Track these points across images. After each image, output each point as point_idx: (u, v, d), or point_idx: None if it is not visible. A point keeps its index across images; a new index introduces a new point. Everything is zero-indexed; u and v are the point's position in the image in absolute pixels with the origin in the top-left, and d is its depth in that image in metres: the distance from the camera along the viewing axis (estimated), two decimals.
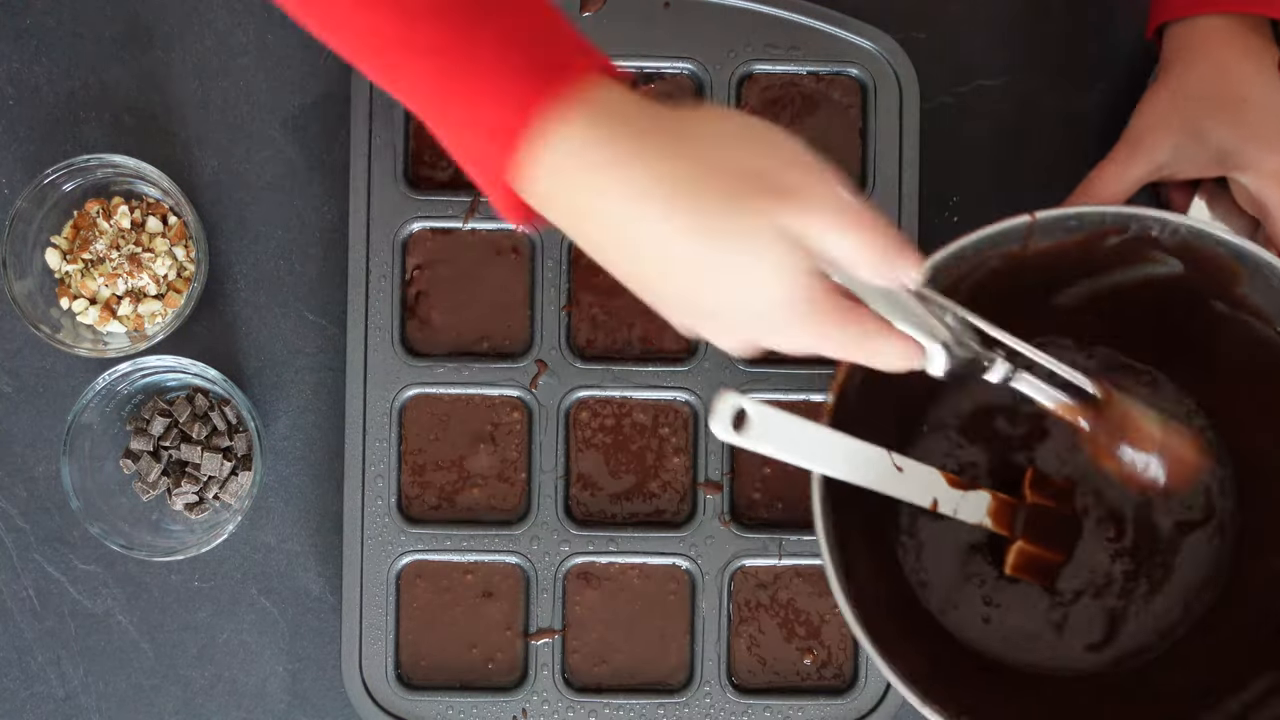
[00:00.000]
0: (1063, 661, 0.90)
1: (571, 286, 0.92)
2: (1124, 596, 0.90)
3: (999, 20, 0.94)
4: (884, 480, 0.79)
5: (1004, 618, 0.90)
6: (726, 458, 0.91)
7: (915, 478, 0.81)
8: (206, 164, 0.93)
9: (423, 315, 0.92)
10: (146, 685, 0.93)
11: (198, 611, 0.93)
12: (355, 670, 0.90)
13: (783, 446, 0.74)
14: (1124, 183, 0.82)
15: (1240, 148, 0.80)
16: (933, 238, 0.93)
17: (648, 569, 0.91)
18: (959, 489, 0.83)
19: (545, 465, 0.91)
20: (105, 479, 0.92)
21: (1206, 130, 0.80)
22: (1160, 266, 0.81)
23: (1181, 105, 0.81)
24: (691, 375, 0.91)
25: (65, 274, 0.92)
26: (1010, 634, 0.90)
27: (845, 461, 0.77)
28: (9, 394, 0.93)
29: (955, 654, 0.89)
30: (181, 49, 0.93)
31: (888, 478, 0.79)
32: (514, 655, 0.91)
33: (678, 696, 0.91)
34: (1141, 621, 0.90)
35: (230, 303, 0.93)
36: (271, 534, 0.93)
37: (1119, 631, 0.90)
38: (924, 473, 0.82)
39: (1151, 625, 0.90)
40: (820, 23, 0.91)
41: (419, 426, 0.91)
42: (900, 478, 0.80)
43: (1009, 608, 0.90)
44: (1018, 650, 0.90)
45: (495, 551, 0.91)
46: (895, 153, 0.91)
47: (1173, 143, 0.81)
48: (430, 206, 0.91)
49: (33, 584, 0.93)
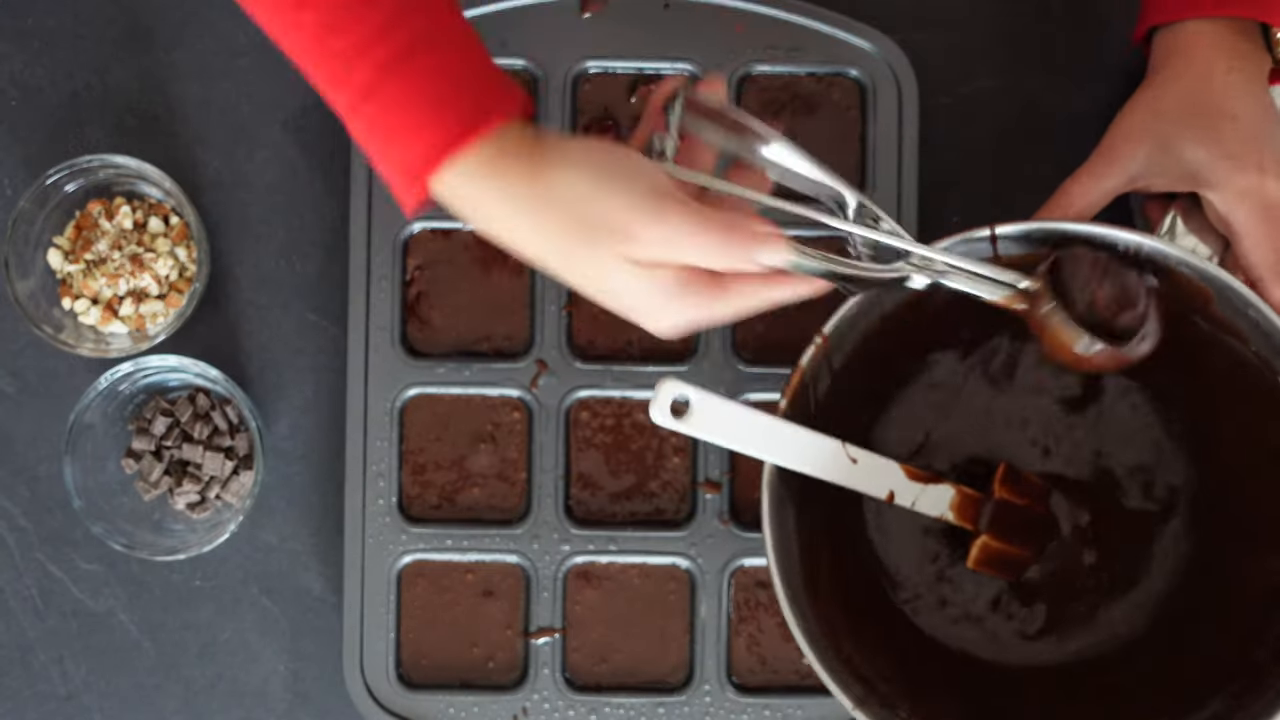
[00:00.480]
0: (1028, 657, 0.89)
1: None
2: (1094, 595, 0.89)
3: (999, 20, 0.94)
4: (837, 472, 0.79)
5: (970, 613, 0.89)
6: (726, 458, 0.91)
7: (871, 470, 0.81)
8: (208, 164, 0.93)
9: (423, 315, 0.92)
10: (148, 684, 0.94)
11: (199, 611, 0.94)
12: (356, 669, 0.90)
13: (727, 435, 0.75)
14: (1096, 194, 0.81)
15: (1211, 164, 0.79)
16: (933, 238, 0.94)
17: (648, 568, 0.91)
18: (919, 481, 0.83)
19: (545, 465, 0.91)
20: (107, 479, 0.92)
21: (1178, 144, 0.79)
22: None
23: (1157, 116, 0.80)
24: (692, 375, 0.91)
25: (67, 274, 0.92)
26: (976, 630, 0.89)
27: (795, 453, 0.78)
28: (11, 394, 0.93)
29: (924, 651, 0.88)
30: (183, 50, 0.94)
31: (842, 469, 0.79)
32: (514, 654, 0.91)
33: (678, 695, 0.91)
34: (1108, 621, 0.89)
35: (232, 303, 0.94)
36: (273, 533, 0.94)
37: (1085, 630, 0.89)
38: (881, 464, 0.81)
39: (1119, 626, 0.89)
40: (820, 24, 0.91)
41: (420, 426, 0.92)
42: (855, 469, 0.80)
43: (976, 604, 0.89)
44: (983, 646, 0.89)
45: (496, 551, 0.91)
46: (895, 153, 0.91)
47: (1145, 154, 0.80)
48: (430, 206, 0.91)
49: (35, 583, 0.93)
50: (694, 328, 0.72)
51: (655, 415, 0.75)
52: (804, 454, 0.78)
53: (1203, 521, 0.89)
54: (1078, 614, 0.89)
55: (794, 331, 0.91)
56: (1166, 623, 0.88)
